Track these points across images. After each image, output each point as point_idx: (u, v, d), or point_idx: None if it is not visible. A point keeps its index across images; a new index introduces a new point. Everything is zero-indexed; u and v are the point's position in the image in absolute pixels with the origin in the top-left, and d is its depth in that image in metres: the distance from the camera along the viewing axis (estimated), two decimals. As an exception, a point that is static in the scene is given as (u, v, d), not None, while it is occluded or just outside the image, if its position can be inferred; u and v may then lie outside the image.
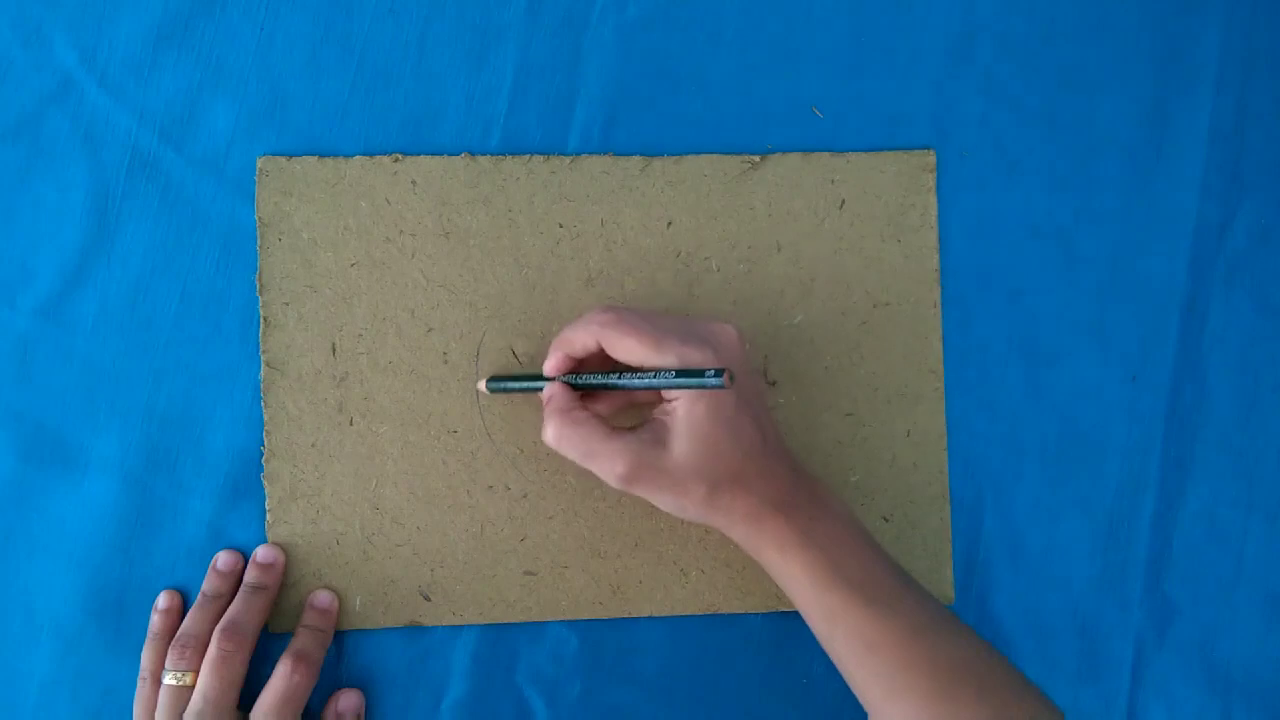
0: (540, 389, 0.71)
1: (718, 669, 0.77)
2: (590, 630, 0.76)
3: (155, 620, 0.74)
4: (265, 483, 0.74)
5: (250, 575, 0.74)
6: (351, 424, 0.75)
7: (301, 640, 0.72)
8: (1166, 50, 0.80)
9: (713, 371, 0.60)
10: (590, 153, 0.77)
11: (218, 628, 0.71)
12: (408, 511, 0.75)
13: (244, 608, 0.72)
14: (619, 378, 0.66)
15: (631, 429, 0.67)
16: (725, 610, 0.76)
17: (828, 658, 0.74)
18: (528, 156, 0.76)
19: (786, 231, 0.77)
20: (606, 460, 0.66)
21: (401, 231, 0.75)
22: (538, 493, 0.75)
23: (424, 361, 0.75)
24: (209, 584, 0.74)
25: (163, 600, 0.74)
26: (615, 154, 0.76)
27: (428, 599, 0.75)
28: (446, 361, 0.75)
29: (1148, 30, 0.80)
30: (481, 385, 0.74)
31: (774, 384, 0.77)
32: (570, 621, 0.76)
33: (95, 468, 0.75)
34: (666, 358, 0.64)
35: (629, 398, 0.72)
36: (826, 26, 0.78)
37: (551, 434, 0.67)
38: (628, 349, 0.65)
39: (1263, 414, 0.80)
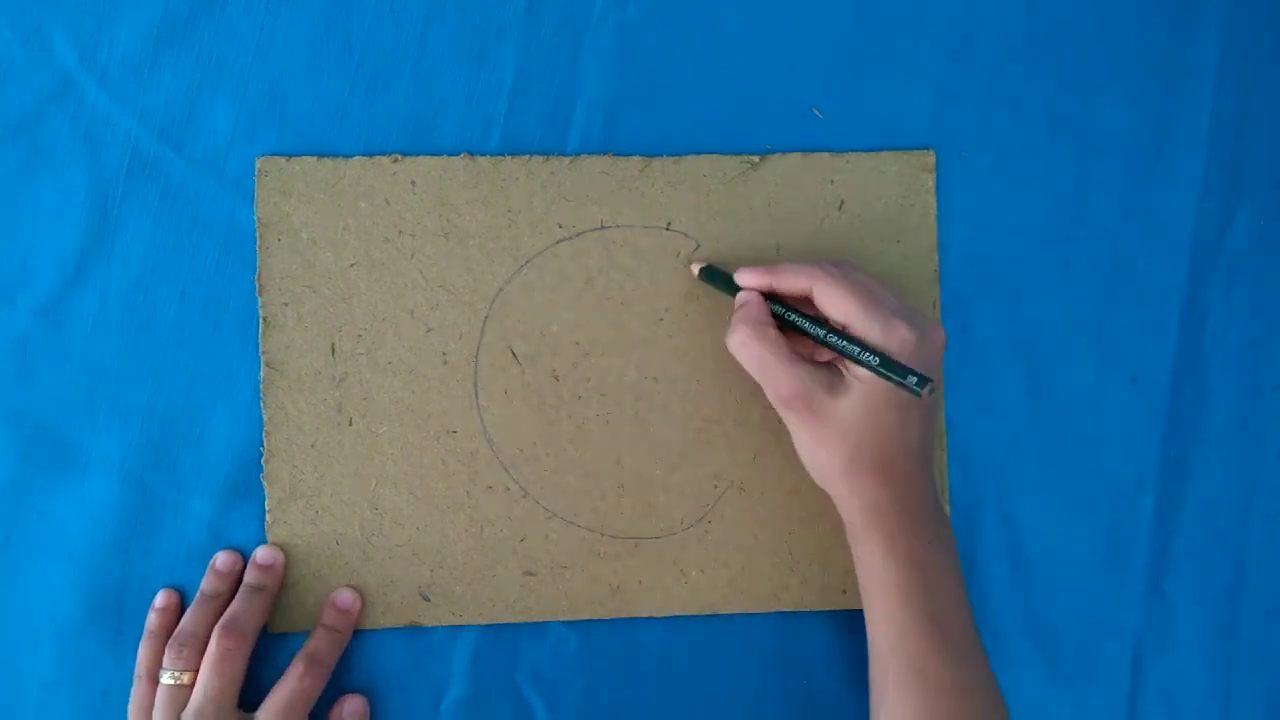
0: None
1: (718, 669, 0.77)
2: (590, 630, 0.76)
3: (152, 618, 0.74)
4: (265, 483, 0.74)
5: (250, 576, 0.74)
6: (351, 424, 0.75)
7: (317, 642, 0.73)
8: (1167, 50, 0.80)
9: (916, 380, 0.62)
10: (590, 153, 0.77)
11: (218, 625, 0.71)
12: (407, 512, 0.75)
13: (244, 607, 0.72)
14: (823, 329, 0.67)
15: (812, 362, 0.69)
16: (725, 611, 0.76)
17: (827, 659, 0.75)
18: (527, 157, 0.76)
19: (786, 232, 0.77)
20: (778, 380, 0.68)
21: (401, 232, 0.75)
22: (537, 493, 0.75)
23: (423, 362, 0.75)
24: (207, 583, 0.74)
25: (160, 599, 0.74)
26: (615, 154, 0.76)
27: (427, 599, 0.75)
28: (446, 362, 0.75)
29: (1148, 30, 0.80)
30: (695, 268, 0.75)
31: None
32: (570, 622, 0.76)
33: (95, 468, 0.75)
34: (873, 327, 0.65)
35: (809, 349, 0.72)
36: (826, 26, 0.78)
37: (736, 339, 0.69)
38: (840, 304, 0.67)
39: (1262, 414, 0.80)
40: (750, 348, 0.68)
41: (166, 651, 0.71)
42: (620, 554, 0.76)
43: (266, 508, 0.75)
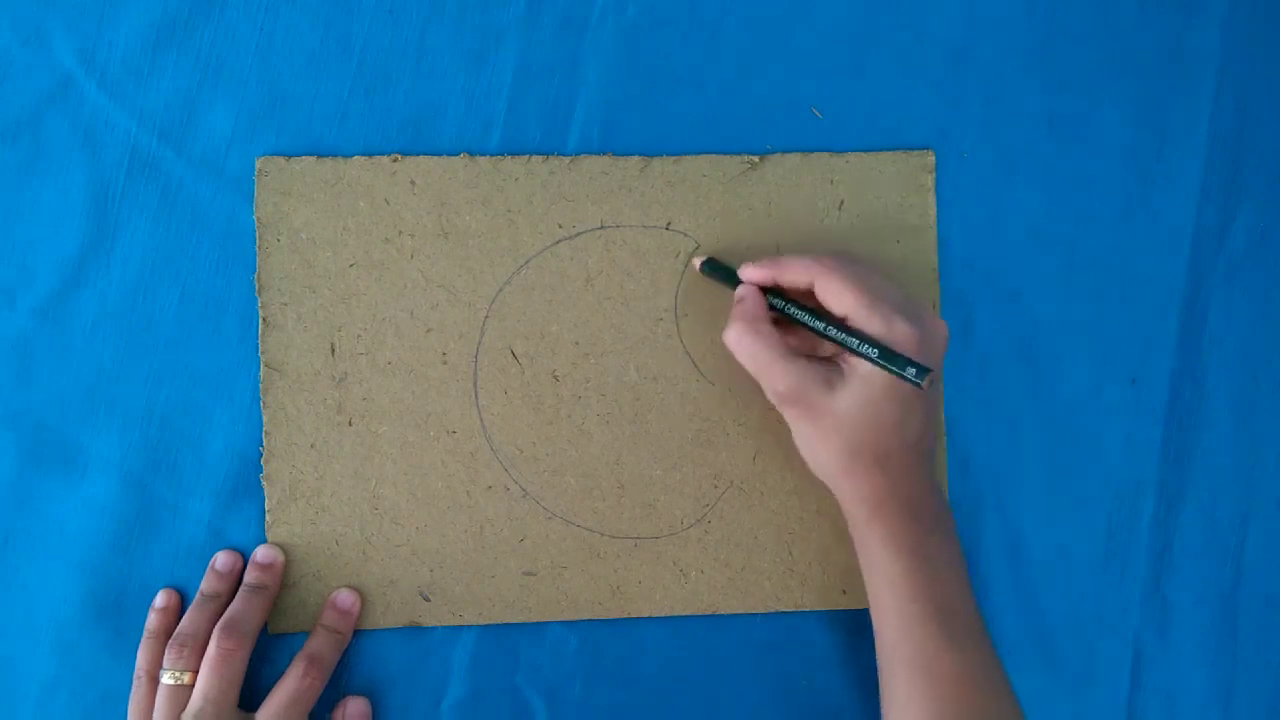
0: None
1: (717, 670, 0.77)
2: (590, 631, 0.76)
3: (152, 619, 0.74)
4: (264, 483, 0.74)
5: (250, 575, 0.74)
6: (350, 424, 0.75)
7: (317, 642, 0.72)
8: (1167, 51, 0.80)
9: (915, 370, 0.62)
10: (590, 153, 0.77)
11: (218, 626, 0.70)
12: (407, 512, 0.75)
13: (244, 607, 0.72)
14: (822, 322, 0.68)
15: (809, 358, 0.69)
16: (725, 611, 0.76)
17: (827, 660, 0.74)
18: (527, 157, 0.76)
19: (786, 232, 0.77)
20: (774, 376, 0.68)
21: (401, 232, 0.75)
22: (537, 493, 0.75)
23: (423, 362, 0.75)
24: (207, 584, 0.74)
25: (160, 599, 0.74)
26: (615, 154, 0.76)
27: (427, 599, 0.75)
28: (445, 362, 0.75)
29: (1148, 31, 0.80)
30: (697, 263, 0.75)
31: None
32: (570, 622, 0.76)
33: (95, 468, 0.75)
34: (874, 321, 0.66)
35: (811, 344, 0.73)
36: (827, 26, 0.78)
37: (733, 335, 0.70)
38: (841, 297, 0.67)
39: (1261, 415, 0.80)
40: (745, 344, 0.69)
41: (166, 652, 0.71)
42: (620, 554, 0.76)
43: (266, 508, 0.74)
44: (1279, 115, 0.80)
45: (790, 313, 0.70)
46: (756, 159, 0.77)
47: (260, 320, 0.75)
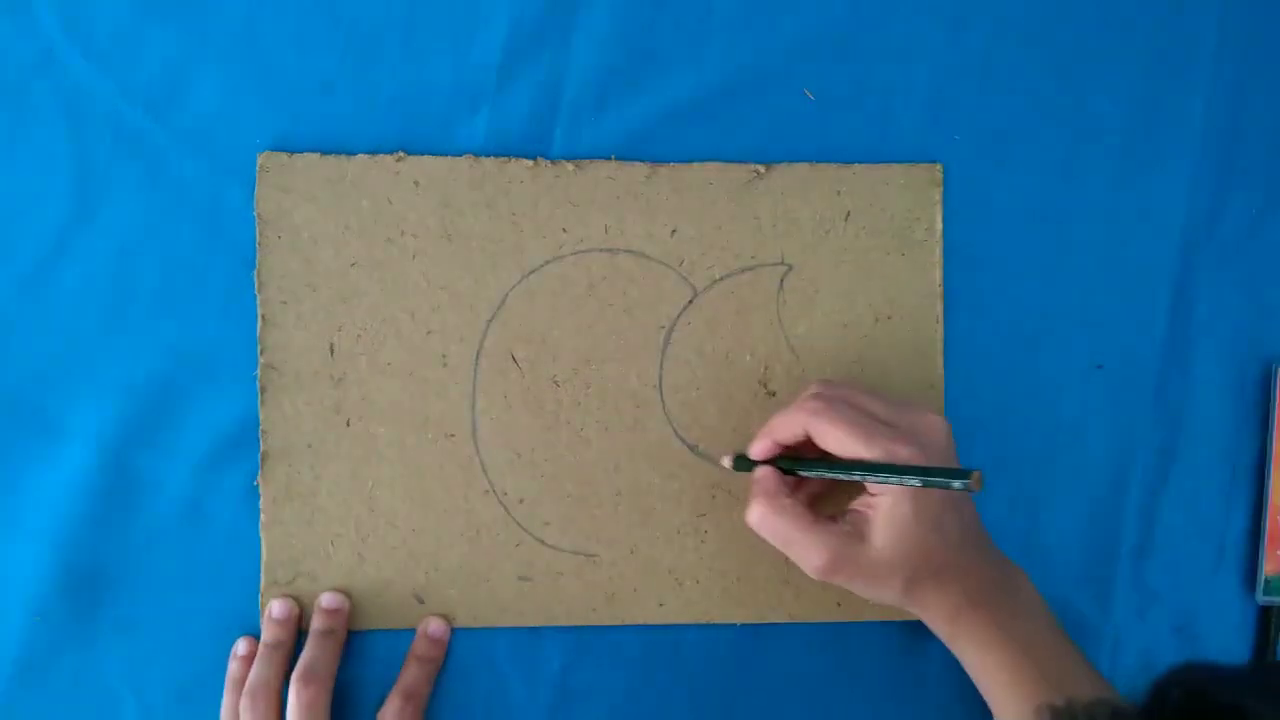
0: (789, 473, 0.71)
1: (711, 679, 0.77)
2: (583, 637, 0.77)
3: (233, 667, 0.74)
4: (261, 483, 0.74)
5: (318, 622, 0.73)
6: (348, 425, 0.74)
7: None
8: (1163, 37, 0.79)
9: (961, 483, 0.59)
10: (578, 131, 0.76)
11: (295, 675, 0.71)
12: (403, 514, 0.75)
13: (318, 653, 0.72)
14: (854, 469, 0.66)
15: (832, 518, 0.68)
16: (719, 620, 0.76)
17: (823, 671, 0.75)
18: (531, 160, 0.75)
19: (791, 242, 0.76)
20: (806, 550, 0.67)
21: (403, 232, 0.74)
22: (533, 498, 0.75)
23: (423, 364, 0.75)
24: (269, 633, 0.73)
25: (241, 647, 0.74)
26: (619, 159, 0.76)
27: (421, 601, 0.75)
28: (446, 364, 0.75)
29: (1145, 16, 0.79)
30: (726, 461, 0.74)
31: (774, 395, 0.77)
32: (563, 628, 0.76)
33: (72, 441, 0.75)
34: (874, 452, 0.65)
35: (834, 482, 0.73)
36: (826, 26, 0.78)
37: (755, 517, 0.69)
38: (837, 440, 0.66)
39: (1247, 404, 0.80)
40: (769, 522, 0.68)
41: (241, 705, 0.71)
42: (615, 561, 0.76)
43: (261, 507, 0.74)
44: (1274, 101, 0.80)
45: (816, 472, 0.69)
46: (763, 168, 0.76)
47: (259, 318, 0.74)
